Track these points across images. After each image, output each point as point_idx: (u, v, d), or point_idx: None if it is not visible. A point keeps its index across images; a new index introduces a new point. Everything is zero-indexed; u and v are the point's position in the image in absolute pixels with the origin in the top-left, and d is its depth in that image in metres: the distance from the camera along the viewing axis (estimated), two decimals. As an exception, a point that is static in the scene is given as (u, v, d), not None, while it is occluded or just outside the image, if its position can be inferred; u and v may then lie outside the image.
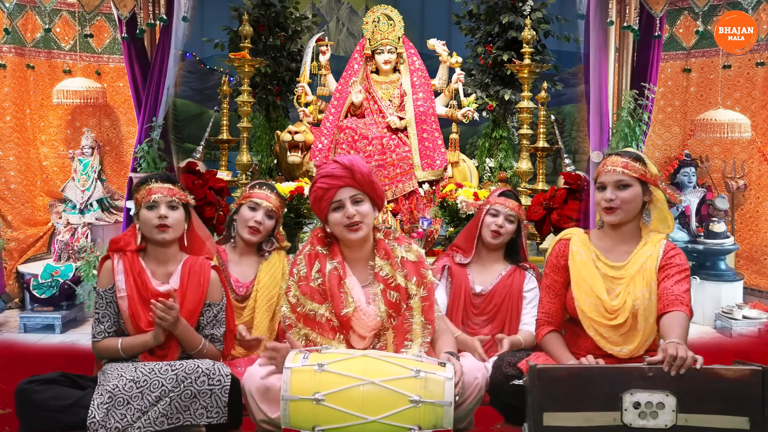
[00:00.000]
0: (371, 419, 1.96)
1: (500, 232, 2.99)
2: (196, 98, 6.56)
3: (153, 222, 2.34)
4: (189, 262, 2.43)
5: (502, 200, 3.03)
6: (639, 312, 2.24)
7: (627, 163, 2.29)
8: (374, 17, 4.72)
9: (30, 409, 2.17)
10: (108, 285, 2.36)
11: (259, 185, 2.98)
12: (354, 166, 2.23)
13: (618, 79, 4.22)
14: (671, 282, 2.24)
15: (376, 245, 2.32)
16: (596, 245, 2.38)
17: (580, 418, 1.90)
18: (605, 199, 2.30)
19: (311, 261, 2.29)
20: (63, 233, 4.95)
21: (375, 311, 2.26)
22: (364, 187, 2.24)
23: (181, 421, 2.15)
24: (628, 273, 2.30)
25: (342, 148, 4.39)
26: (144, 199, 2.37)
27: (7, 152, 5.14)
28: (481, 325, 2.97)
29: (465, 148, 5.61)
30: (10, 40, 5.06)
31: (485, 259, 3.07)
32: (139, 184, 2.43)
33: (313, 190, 2.28)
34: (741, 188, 5.10)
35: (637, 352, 2.25)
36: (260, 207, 2.86)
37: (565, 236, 2.45)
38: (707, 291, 4.56)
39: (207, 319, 2.42)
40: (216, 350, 2.43)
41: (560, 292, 2.42)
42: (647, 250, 2.31)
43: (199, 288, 2.39)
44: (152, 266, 2.40)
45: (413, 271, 2.30)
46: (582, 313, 2.31)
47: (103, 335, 2.36)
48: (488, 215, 3.02)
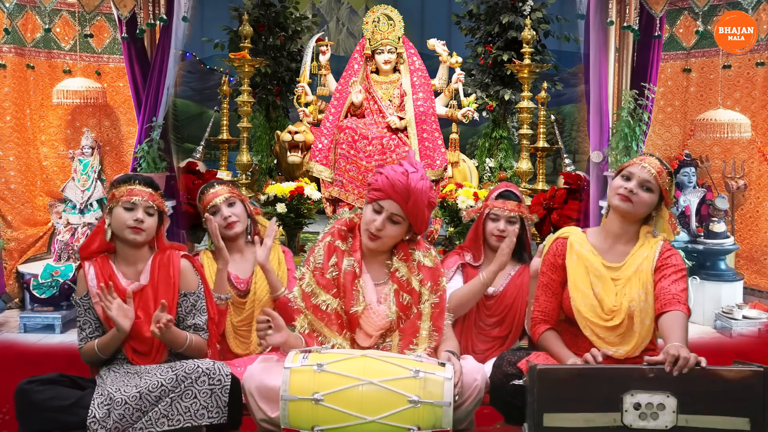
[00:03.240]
0: (370, 419, 1.96)
1: (504, 235, 2.92)
2: (196, 98, 6.57)
3: (127, 222, 2.32)
4: (158, 256, 2.41)
5: (500, 203, 2.98)
6: (635, 313, 2.24)
7: (662, 170, 2.30)
8: (374, 17, 4.72)
9: (30, 409, 2.16)
10: (83, 292, 2.36)
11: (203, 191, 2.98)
12: (413, 198, 2.20)
13: (618, 79, 4.22)
14: (668, 282, 2.24)
15: (398, 246, 2.33)
16: (594, 244, 2.38)
17: (581, 419, 1.90)
18: (627, 188, 2.28)
19: (329, 253, 2.29)
20: (63, 233, 4.95)
21: (385, 311, 2.27)
22: (409, 215, 2.23)
23: (182, 422, 2.14)
24: (624, 274, 2.30)
25: (342, 148, 4.40)
26: (123, 197, 2.34)
27: (7, 152, 5.14)
28: (492, 326, 2.97)
29: (465, 148, 5.61)
30: (10, 40, 5.05)
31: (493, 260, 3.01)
32: (120, 181, 2.39)
33: (375, 174, 2.28)
34: (741, 188, 5.10)
35: (634, 353, 2.24)
36: (219, 205, 2.88)
37: (563, 234, 2.44)
38: (707, 291, 4.56)
39: (185, 309, 2.39)
40: (201, 340, 2.40)
41: (557, 290, 2.41)
42: (644, 252, 2.31)
43: (170, 279, 2.36)
44: (122, 267, 2.39)
45: (429, 276, 2.30)
46: (578, 313, 2.31)
47: (86, 341, 2.35)
48: (489, 220, 2.98)
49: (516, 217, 2.97)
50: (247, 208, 2.97)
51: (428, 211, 2.28)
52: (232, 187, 3.01)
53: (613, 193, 2.32)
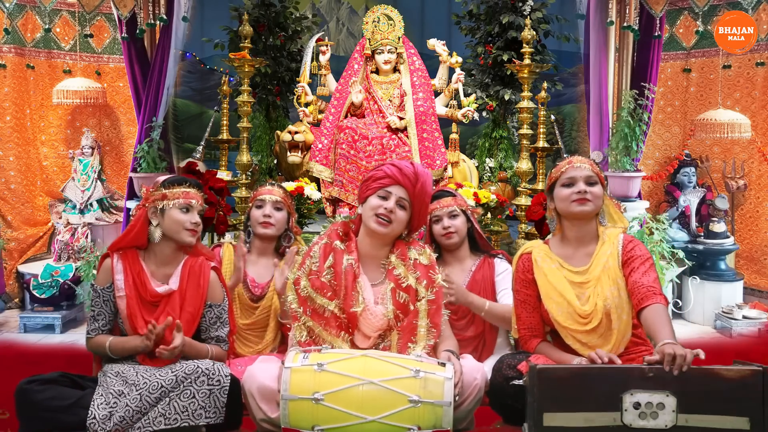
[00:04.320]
0: (370, 419, 1.96)
1: (451, 231, 2.90)
2: (196, 98, 6.56)
3: (185, 225, 2.35)
4: (189, 263, 2.42)
5: (434, 204, 2.93)
6: (611, 311, 2.25)
7: (592, 161, 2.39)
8: (374, 17, 4.72)
9: (30, 409, 2.17)
10: (106, 283, 2.36)
11: (262, 184, 3.10)
12: (420, 181, 2.29)
13: (618, 79, 4.23)
14: (638, 274, 2.24)
15: (395, 245, 2.35)
16: (557, 253, 2.40)
17: (580, 419, 1.90)
18: (579, 191, 2.31)
19: (325, 254, 2.29)
20: (63, 233, 4.95)
21: (382, 311, 2.27)
22: (415, 203, 2.29)
23: (179, 421, 2.14)
24: (593, 275, 2.31)
25: (342, 148, 4.39)
26: (179, 199, 2.36)
27: (7, 152, 5.14)
28: (464, 328, 2.88)
29: (465, 148, 5.61)
30: (10, 40, 5.06)
31: (451, 261, 2.97)
32: (172, 182, 2.40)
33: (377, 169, 2.34)
34: (741, 188, 5.10)
35: (617, 350, 2.24)
36: (266, 202, 2.95)
37: (526, 250, 2.46)
38: (707, 291, 4.56)
39: (210, 320, 2.42)
40: (222, 351, 2.42)
41: (536, 305, 2.42)
42: (607, 249, 2.33)
43: (198, 289, 2.38)
44: (152, 267, 2.40)
45: (424, 274, 2.31)
46: (557, 323, 2.32)
47: (97, 332, 2.36)
48: (433, 224, 2.95)
49: (455, 210, 2.94)
50: (290, 222, 3.02)
51: (429, 202, 2.35)
52: (288, 196, 3.06)
53: (567, 203, 2.34)
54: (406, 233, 2.38)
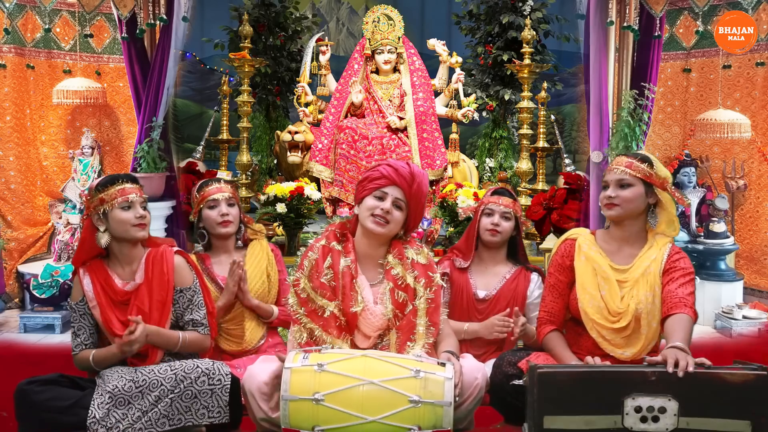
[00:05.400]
0: (371, 419, 1.96)
1: (497, 230, 2.90)
2: (196, 98, 6.57)
3: (131, 221, 2.32)
4: (151, 254, 2.40)
5: (495, 198, 2.95)
6: (642, 316, 2.24)
7: (631, 163, 2.31)
8: (374, 17, 4.72)
9: (30, 409, 2.16)
10: (79, 297, 2.36)
11: (205, 183, 2.98)
12: (417, 182, 2.28)
13: (618, 79, 4.21)
14: (675, 285, 2.24)
15: (392, 245, 2.35)
16: (602, 247, 2.38)
17: (581, 422, 1.89)
18: (605, 197, 2.32)
19: (324, 255, 2.29)
20: (63, 233, 4.95)
21: (382, 310, 2.27)
22: (411, 203, 2.29)
23: (183, 422, 2.14)
24: (632, 276, 2.30)
25: (342, 148, 4.40)
26: (117, 199, 2.32)
27: (7, 152, 5.13)
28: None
29: (465, 148, 5.61)
30: (10, 40, 5.05)
31: (487, 261, 2.97)
32: (105, 184, 2.35)
33: (373, 169, 2.33)
34: (741, 188, 5.10)
35: (639, 355, 2.23)
36: (219, 201, 2.88)
37: (572, 236, 2.45)
38: (707, 291, 4.56)
39: (182, 305, 2.39)
40: (199, 335, 2.39)
41: (564, 291, 2.41)
42: (652, 254, 2.31)
43: (164, 276, 2.35)
44: (117, 269, 2.38)
45: (422, 272, 2.31)
46: (585, 314, 2.31)
47: (81, 348, 2.35)
48: (483, 216, 2.95)
49: (510, 213, 2.94)
50: (241, 214, 3.00)
51: (424, 202, 2.34)
52: (234, 189, 3.02)
53: (602, 206, 2.36)
54: (403, 233, 2.38)
